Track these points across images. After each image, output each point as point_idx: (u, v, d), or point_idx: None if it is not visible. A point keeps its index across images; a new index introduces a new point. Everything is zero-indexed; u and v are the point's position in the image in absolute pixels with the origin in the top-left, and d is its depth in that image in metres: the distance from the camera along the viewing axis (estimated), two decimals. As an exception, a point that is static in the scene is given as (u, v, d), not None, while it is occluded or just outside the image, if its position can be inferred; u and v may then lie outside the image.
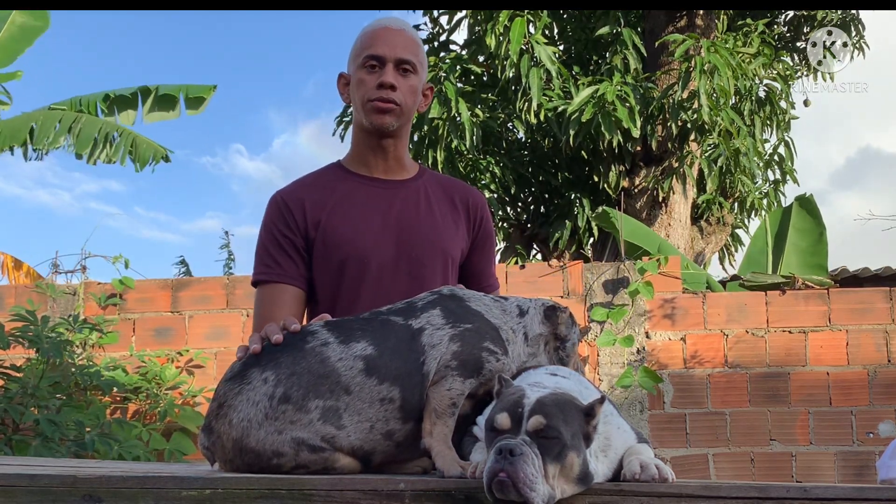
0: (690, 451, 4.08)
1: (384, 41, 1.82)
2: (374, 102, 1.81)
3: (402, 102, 1.82)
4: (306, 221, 1.82)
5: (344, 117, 7.83)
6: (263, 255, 1.85)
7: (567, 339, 1.51)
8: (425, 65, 1.91)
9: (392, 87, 1.80)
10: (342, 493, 1.14)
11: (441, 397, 1.35)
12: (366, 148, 1.89)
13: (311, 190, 1.87)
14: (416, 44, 1.87)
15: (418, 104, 1.90)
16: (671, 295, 4.21)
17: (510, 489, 1.05)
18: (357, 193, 1.85)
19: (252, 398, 1.30)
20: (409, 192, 1.88)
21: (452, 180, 2.00)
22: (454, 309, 1.43)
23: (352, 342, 1.36)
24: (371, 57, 1.82)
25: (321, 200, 1.84)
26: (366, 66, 1.82)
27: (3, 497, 1.15)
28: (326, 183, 1.88)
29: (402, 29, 1.87)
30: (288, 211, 1.83)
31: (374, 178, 1.88)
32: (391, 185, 1.88)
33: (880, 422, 4.07)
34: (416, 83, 1.86)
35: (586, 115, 6.09)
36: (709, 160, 6.94)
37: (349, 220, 1.82)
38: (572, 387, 1.27)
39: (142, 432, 3.86)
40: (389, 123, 1.82)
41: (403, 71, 1.83)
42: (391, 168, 1.90)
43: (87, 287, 4.34)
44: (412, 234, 1.82)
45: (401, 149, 1.90)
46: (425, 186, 1.91)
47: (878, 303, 4.16)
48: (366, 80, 1.82)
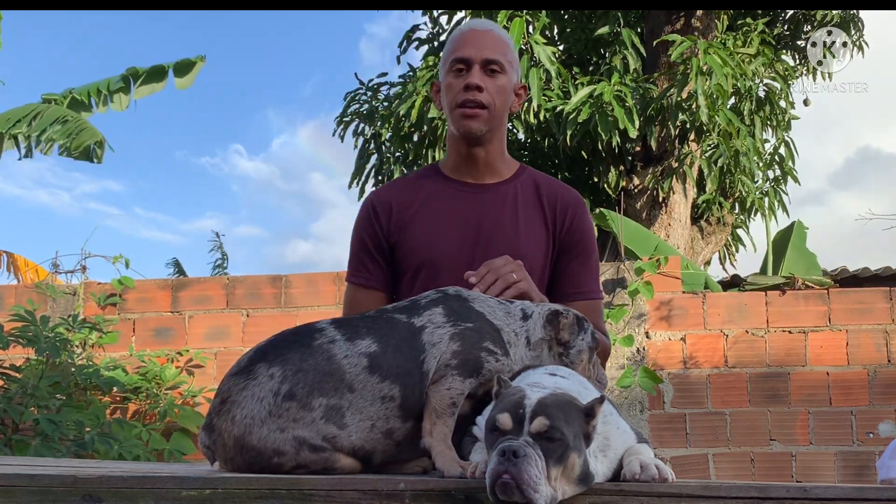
0: (690, 451, 4.08)
1: (470, 43, 1.81)
2: (461, 109, 1.79)
3: (489, 103, 1.80)
4: (391, 224, 1.84)
5: (344, 117, 7.84)
6: (353, 257, 1.90)
7: (570, 344, 1.48)
8: (516, 64, 1.88)
9: (479, 88, 1.78)
10: (342, 493, 1.14)
11: (441, 397, 1.35)
12: (457, 153, 1.87)
13: (402, 192, 1.88)
14: (504, 43, 1.84)
15: (510, 104, 1.87)
16: (671, 295, 4.22)
17: (514, 491, 1.05)
18: (442, 198, 1.85)
19: (257, 394, 1.30)
20: (497, 196, 1.85)
21: (549, 180, 1.94)
22: (457, 308, 1.43)
23: (357, 339, 1.36)
24: (457, 60, 1.80)
25: (408, 203, 1.84)
26: (453, 69, 1.81)
27: (3, 497, 1.15)
28: (418, 186, 1.88)
29: (488, 30, 1.85)
30: (375, 214, 1.86)
31: (463, 182, 1.87)
32: (480, 190, 1.86)
33: (880, 422, 4.07)
34: (506, 83, 1.83)
35: (583, 115, 6.09)
36: (709, 160, 6.94)
37: (428, 225, 1.81)
38: (571, 387, 1.27)
39: (142, 432, 3.86)
40: (477, 129, 1.80)
41: (491, 71, 1.80)
42: (482, 173, 1.88)
43: (87, 287, 4.34)
44: (490, 242, 1.80)
45: (493, 152, 1.87)
46: (517, 189, 1.87)
47: (878, 303, 4.17)
48: (453, 84, 1.81)
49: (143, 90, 7.51)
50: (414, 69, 7.53)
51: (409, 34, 7.90)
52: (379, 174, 7.74)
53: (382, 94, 7.86)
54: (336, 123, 7.85)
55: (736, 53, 6.68)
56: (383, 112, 7.49)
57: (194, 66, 7.58)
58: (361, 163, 7.82)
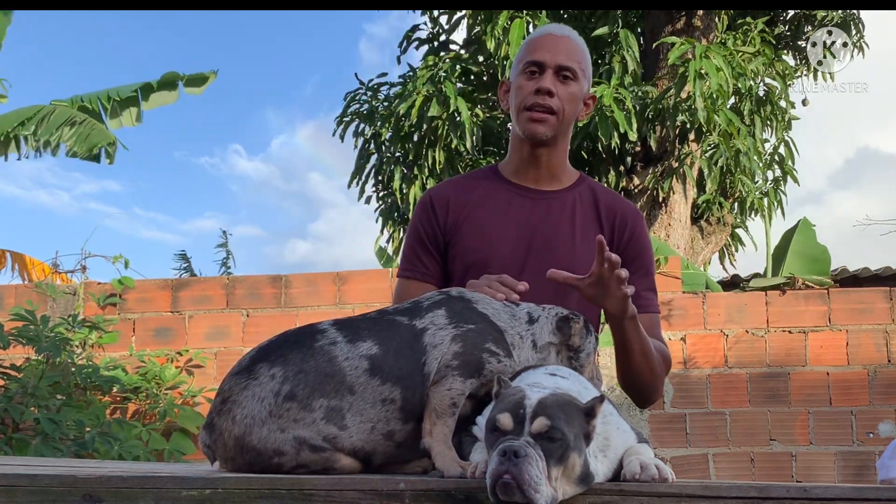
0: (690, 451, 4.08)
1: (546, 47, 1.80)
2: (529, 112, 1.78)
3: (558, 110, 1.78)
4: (447, 220, 1.83)
5: (344, 117, 7.84)
6: (408, 251, 1.88)
7: (581, 349, 1.49)
8: (589, 73, 1.86)
9: (549, 93, 1.77)
10: (342, 493, 1.14)
11: (441, 397, 1.35)
12: (519, 156, 1.86)
13: (460, 189, 1.87)
14: (579, 51, 1.83)
15: (578, 113, 1.85)
16: (671, 295, 4.21)
17: (515, 491, 1.05)
18: (499, 200, 1.83)
19: (258, 394, 1.30)
20: (555, 204, 1.83)
21: (608, 192, 1.92)
22: (459, 310, 1.43)
23: (358, 341, 1.36)
24: (531, 63, 1.79)
25: (465, 201, 1.83)
26: (526, 71, 1.80)
27: (3, 497, 1.15)
28: (476, 185, 1.87)
29: (565, 36, 1.83)
30: (433, 209, 1.85)
31: (522, 186, 1.85)
32: (538, 196, 1.84)
33: (880, 422, 4.07)
34: (577, 91, 1.81)
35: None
36: (709, 160, 6.94)
37: (483, 226, 1.80)
38: (571, 387, 1.27)
39: (142, 432, 3.86)
40: (543, 133, 1.79)
41: (563, 78, 1.79)
42: (543, 178, 1.85)
43: (87, 287, 4.34)
44: (546, 249, 1.78)
45: (556, 159, 1.85)
46: (575, 198, 1.85)
47: (878, 303, 4.17)
48: (524, 86, 1.79)
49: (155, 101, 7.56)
50: (414, 69, 7.53)
51: (409, 34, 7.90)
52: (379, 174, 7.74)
53: (382, 94, 7.86)
54: (336, 123, 7.85)
55: (736, 52, 6.69)
56: (383, 112, 7.49)
57: (207, 81, 7.64)
58: (361, 163, 7.82)
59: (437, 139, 6.73)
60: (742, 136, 6.79)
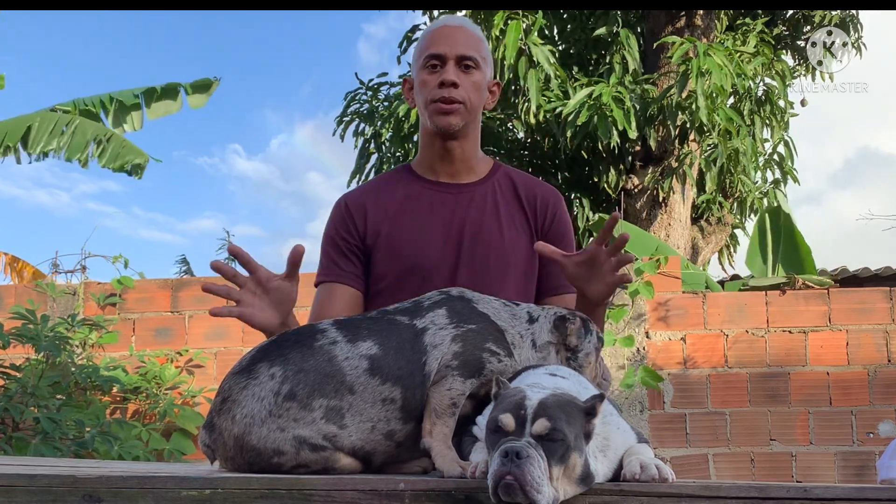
0: (690, 451, 4.08)
1: (443, 39, 1.80)
2: (437, 104, 1.78)
3: (465, 100, 1.78)
4: (367, 228, 1.81)
5: (344, 117, 7.84)
6: (323, 258, 1.86)
7: (578, 349, 1.49)
8: (489, 60, 1.86)
9: (454, 85, 1.76)
10: (342, 493, 1.14)
11: (441, 397, 1.35)
12: (431, 152, 1.85)
13: (376, 195, 1.85)
14: (477, 39, 1.83)
15: (484, 101, 1.85)
16: (671, 295, 4.21)
17: (517, 492, 1.05)
18: (421, 200, 1.82)
19: (257, 394, 1.30)
20: (476, 196, 1.83)
21: (525, 177, 1.92)
22: (460, 310, 1.43)
23: (358, 341, 1.36)
24: (431, 56, 1.79)
25: (384, 207, 1.82)
26: (427, 66, 1.80)
27: (3, 497, 1.15)
28: (392, 188, 1.86)
29: (460, 25, 1.83)
30: (349, 216, 1.83)
31: (439, 182, 1.85)
32: (457, 190, 1.84)
33: (880, 422, 4.07)
34: (480, 79, 1.81)
35: (582, 117, 6.10)
36: (708, 160, 6.94)
37: (410, 229, 1.79)
38: (571, 387, 1.27)
39: (141, 432, 3.86)
40: (454, 124, 1.78)
41: (465, 67, 1.79)
42: (458, 171, 1.85)
43: (87, 287, 4.33)
44: (475, 243, 1.78)
45: (468, 150, 1.85)
46: (494, 187, 1.85)
47: (878, 303, 4.16)
48: (428, 81, 1.79)
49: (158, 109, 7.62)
50: (414, 69, 7.53)
51: (409, 34, 7.90)
52: (379, 173, 7.75)
53: (382, 93, 7.86)
54: (336, 123, 7.86)
55: (735, 52, 6.69)
56: (383, 112, 7.50)
57: (210, 88, 7.73)
58: (362, 162, 7.84)
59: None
60: (742, 136, 6.79)
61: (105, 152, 6.79)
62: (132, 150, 6.93)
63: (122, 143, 6.91)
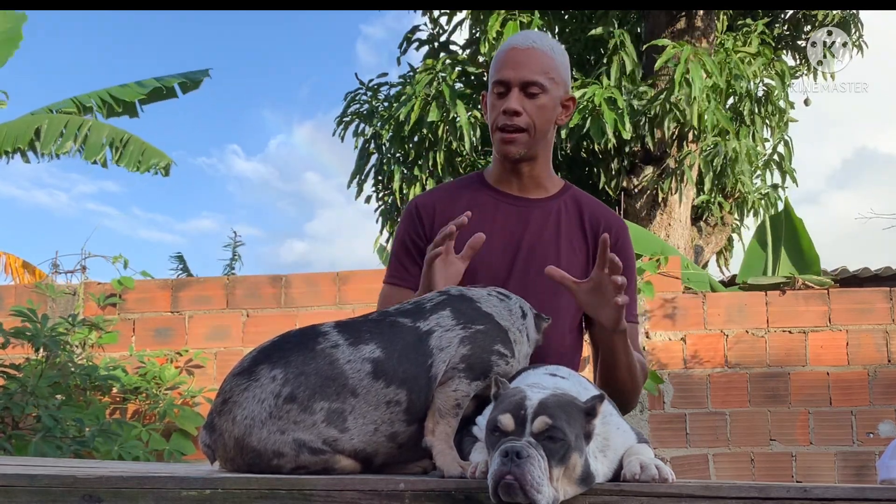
0: (690, 451, 4.08)
1: (509, 64, 1.79)
2: (500, 133, 1.79)
3: (528, 126, 1.77)
4: (433, 229, 1.82)
5: (343, 117, 7.84)
6: (393, 259, 1.89)
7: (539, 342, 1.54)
8: (561, 77, 1.84)
9: (516, 113, 1.76)
10: (342, 494, 1.14)
11: (446, 397, 1.35)
12: (501, 167, 1.86)
13: (446, 198, 1.87)
14: (545, 59, 1.80)
15: (555, 118, 1.84)
16: (671, 295, 4.21)
17: (517, 492, 1.05)
18: (485, 208, 1.83)
19: (258, 395, 1.30)
20: (541, 212, 1.83)
21: (593, 201, 1.91)
22: (465, 310, 1.43)
23: (360, 344, 1.36)
24: (497, 83, 1.80)
25: (451, 210, 1.82)
26: (495, 92, 1.81)
27: (3, 497, 1.15)
28: (461, 193, 1.87)
29: (529, 47, 1.81)
30: (419, 218, 1.85)
31: (507, 194, 1.85)
32: (523, 204, 1.84)
33: (880, 422, 4.07)
34: (547, 101, 1.79)
35: (574, 119, 6.10)
36: (706, 160, 6.95)
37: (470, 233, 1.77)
38: (571, 387, 1.27)
39: (141, 432, 3.86)
40: (515, 153, 1.79)
41: (530, 95, 1.77)
42: (526, 187, 1.86)
43: (87, 287, 4.33)
44: (530, 257, 1.78)
45: (538, 169, 1.85)
46: (560, 206, 1.85)
47: (878, 303, 4.16)
48: (495, 106, 1.80)
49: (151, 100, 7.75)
50: (414, 69, 7.53)
51: (409, 35, 7.90)
52: (379, 174, 7.75)
53: (382, 94, 7.87)
54: (336, 123, 7.86)
55: (735, 53, 6.69)
56: (383, 112, 7.50)
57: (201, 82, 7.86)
58: (361, 163, 7.83)
59: (438, 140, 6.74)
60: (742, 136, 6.79)
61: (125, 155, 6.90)
62: (153, 152, 7.09)
63: (141, 145, 7.03)
